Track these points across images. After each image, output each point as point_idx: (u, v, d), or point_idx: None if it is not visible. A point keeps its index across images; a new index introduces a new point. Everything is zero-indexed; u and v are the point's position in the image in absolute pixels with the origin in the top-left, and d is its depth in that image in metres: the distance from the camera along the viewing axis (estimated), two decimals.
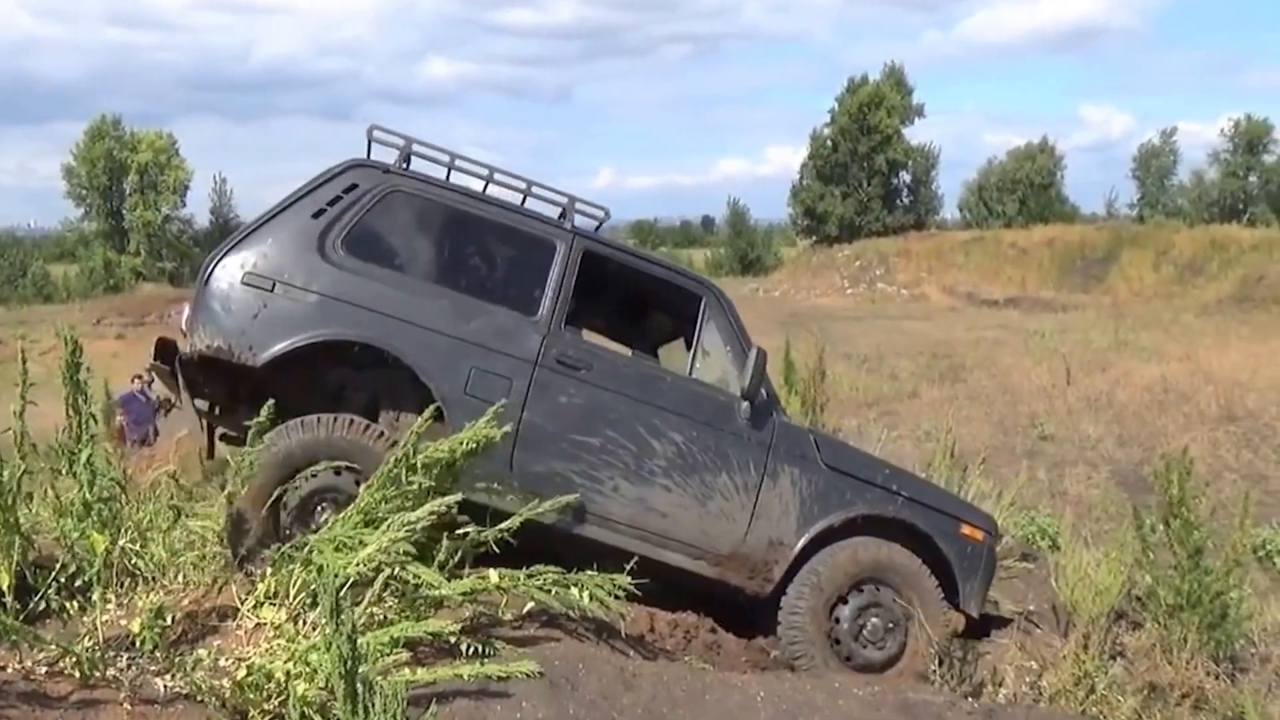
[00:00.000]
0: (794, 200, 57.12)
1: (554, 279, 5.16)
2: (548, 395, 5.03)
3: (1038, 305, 34.55)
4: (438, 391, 4.89)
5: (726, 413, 5.29)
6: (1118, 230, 42.56)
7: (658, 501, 5.14)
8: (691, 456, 5.18)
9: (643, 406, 5.15)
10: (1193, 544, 6.88)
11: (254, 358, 4.79)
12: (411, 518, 3.81)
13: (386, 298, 4.93)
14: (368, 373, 5.09)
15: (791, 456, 5.35)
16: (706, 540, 5.22)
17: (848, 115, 54.61)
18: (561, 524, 4.95)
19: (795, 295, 41.10)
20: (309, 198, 5.02)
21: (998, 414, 17.23)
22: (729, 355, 5.42)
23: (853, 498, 5.41)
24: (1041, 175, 55.81)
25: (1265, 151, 53.89)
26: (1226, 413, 16.44)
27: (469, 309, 5.04)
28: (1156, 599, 7.04)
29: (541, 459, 5.02)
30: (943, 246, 45.22)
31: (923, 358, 22.82)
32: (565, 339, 5.20)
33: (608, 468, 5.08)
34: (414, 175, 5.23)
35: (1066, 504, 12.56)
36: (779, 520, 5.30)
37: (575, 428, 5.06)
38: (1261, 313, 28.56)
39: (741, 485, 5.24)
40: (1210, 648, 6.80)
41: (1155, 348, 22.67)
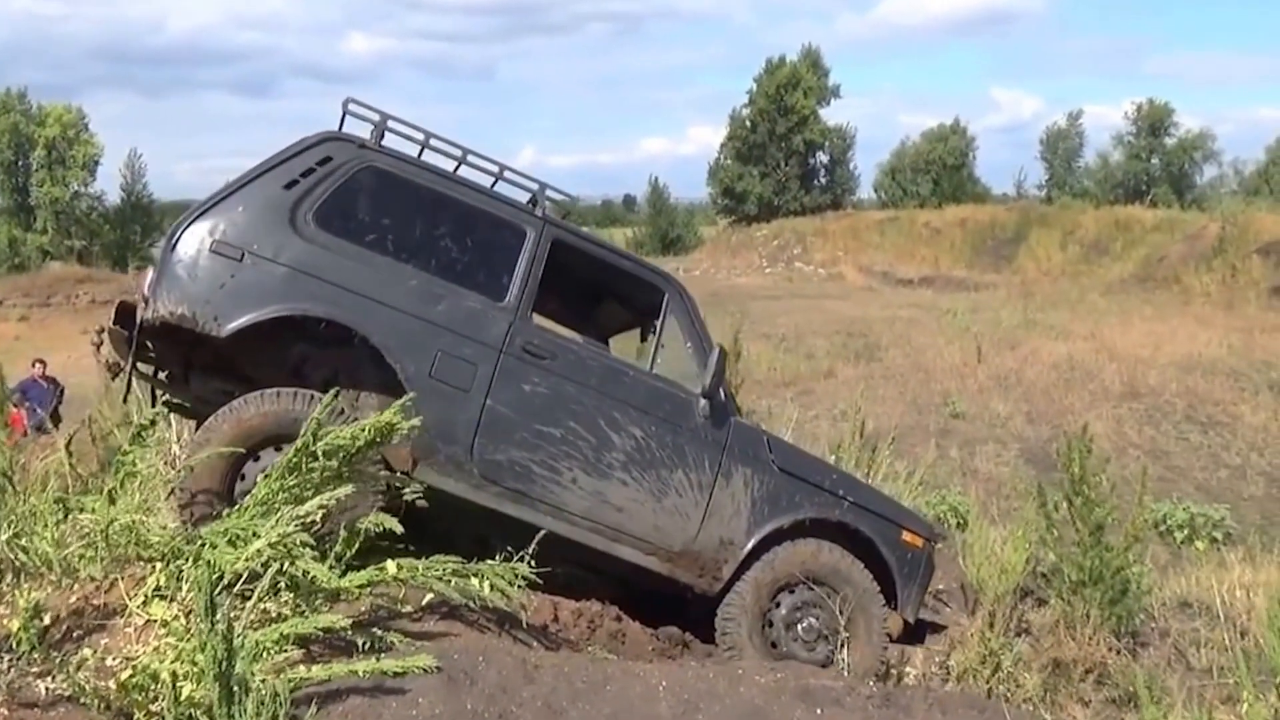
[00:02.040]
0: (713, 180, 57.31)
1: (523, 266, 5.11)
2: (512, 383, 4.98)
3: (951, 284, 35.05)
4: (403, 373, 4.80)
5: (685, 410, 5.28)
6: (1026, 211, 43.35)
7: (614, 495, 5.12)
8: (649, 452, 5.17)
9: (605, 399, 5.12)
10: (1094, 521, 7.00)
11: (219, 328, 4.65)
12: (301, 511, 3.68)
13: (356, 275, 4.83)
14: (330, 349, 4.98)
15: (745, 457, 5.36)
16: (659, 536, 5.20)
17: (765, 96, 54.88)
18: (517, 512, 4.92)
19: (715, 274, 41.15)
20: (282, 167, 4.90)
21: (911, 392, 17.47)
22: (689, 352, 5.42)
23: (801, 500, 5.44)
24: (954, 156, 56.66)
25: (1167, 134, 55.42)
26: (1130, 390, 16.88)
27: (438, 291, 4.95)
28: (1060, 576, 7.15)
29: (502, 447, 4.95)
30: (859, 226, 45.66)
31: (839, 337, 23.02)
32: (532, 327, 5.16)
33: (567, 459, 5.04)
34: (388, 152, 5.12)
35: (977, 482, 12.81)
36: (730, 519, 5.31)
37: (537, 417, 5.01)
38: (1163, 292, 29.32)
39: (696, 483, 5.25)
40: (1112, 623, 6.94)
41: (1062, 326, 23.15)
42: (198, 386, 5.22)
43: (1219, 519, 10.61)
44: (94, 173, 54.23)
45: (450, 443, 4.86)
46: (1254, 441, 14.28)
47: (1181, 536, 10.48)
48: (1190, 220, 35.92)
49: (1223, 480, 12.91)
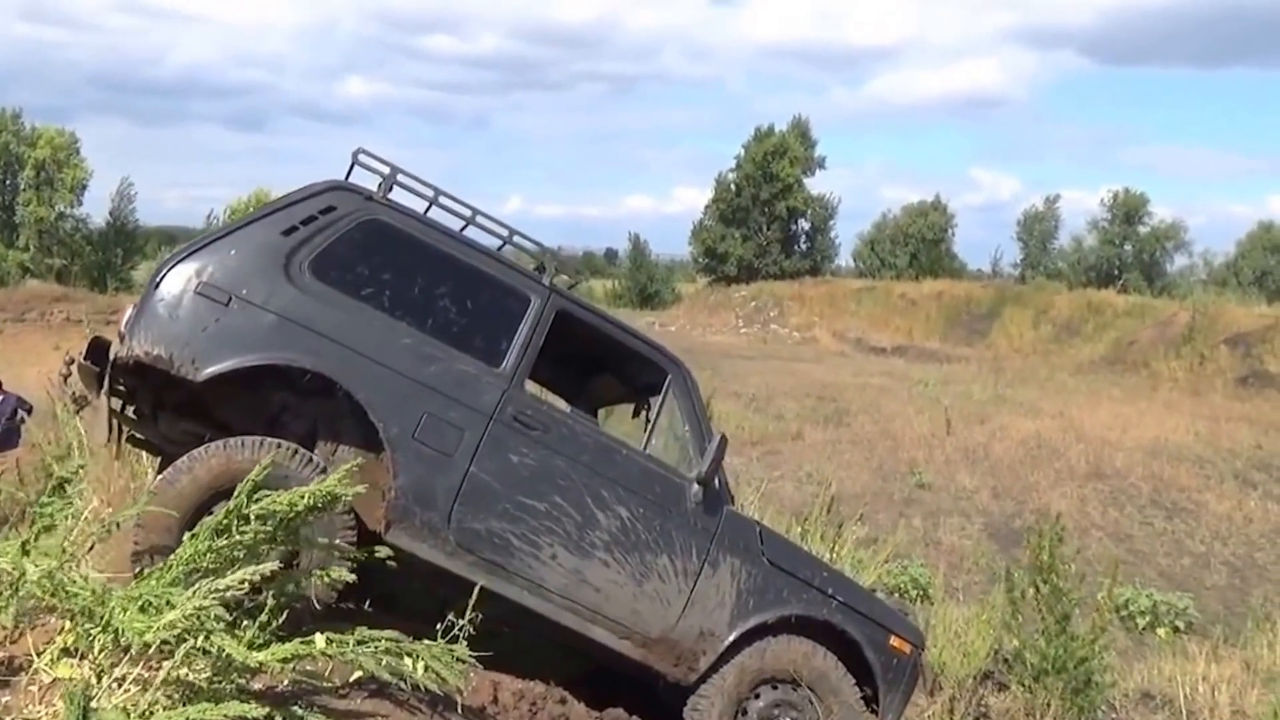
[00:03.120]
0: (695, 239, 57.62)
1: (523, 333, 4.97)
2: (499, 452, 4.81)
3: (923, 355, 35.19)
4: (385, 432, 4.63)
5: (677, 494, 5.11)
6: (1002, 288, 43.78)
7: (594, 575, 4.94)
8: (635, 534, 5.00)
9: (594, 476, 4.96)
10: (1060, 610, 6.93)
11: (195, 371, 4.48)
12: (221, 584, 3.44)
13: (347, 328, 4.67)
14: (311, 401, 4.80)
15: (735, 547, 5.19)
16: (637, 621, 5.02)
17: (753, 162, 55.39)
18: (491, 585, 4.69)
19: (691, 331, 41.18)
20: (282, 213, 4.76)
21: (878, 459, 17.38)
22: (688, 436, 5.27)
23: (789, 596, 5.27)
24: (933, 231, 57.24)
25: (1140, 223, 56.24)
26: (1095, 470, 16.87)
27: (431, 351, 4.79)
28: (1023, 662, 7.06)
29: (482, 517, 4.78)
30: (836, 293, 45.92)
31: (809, 400, 22.96)
32: (525, 396, 5.01)
33: (549, 534, 4.86)
34: (395, 206, 4.98)
35: (940, 554, 12.70)
36: (714, 610, 5.13)
37: (522, 489, 4.84)
38: (1132, 376, 29.53)
39: (681, 570, 5.06)
40: (1073, 714, 6.84)
41: (1031, 403, 23.20)
42: (166, 427, 5.05)
43: (1182, 608, 10.54)
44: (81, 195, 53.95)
45: (428, 508, 4.69)
46: (1218, 530, 14.25)
47: (1144, 623, 10.39)
48: (1161, 307, 36.34)
49: (1186, 568, 12.85)
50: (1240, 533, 14.26)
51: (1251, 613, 10.28)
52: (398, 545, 4.63)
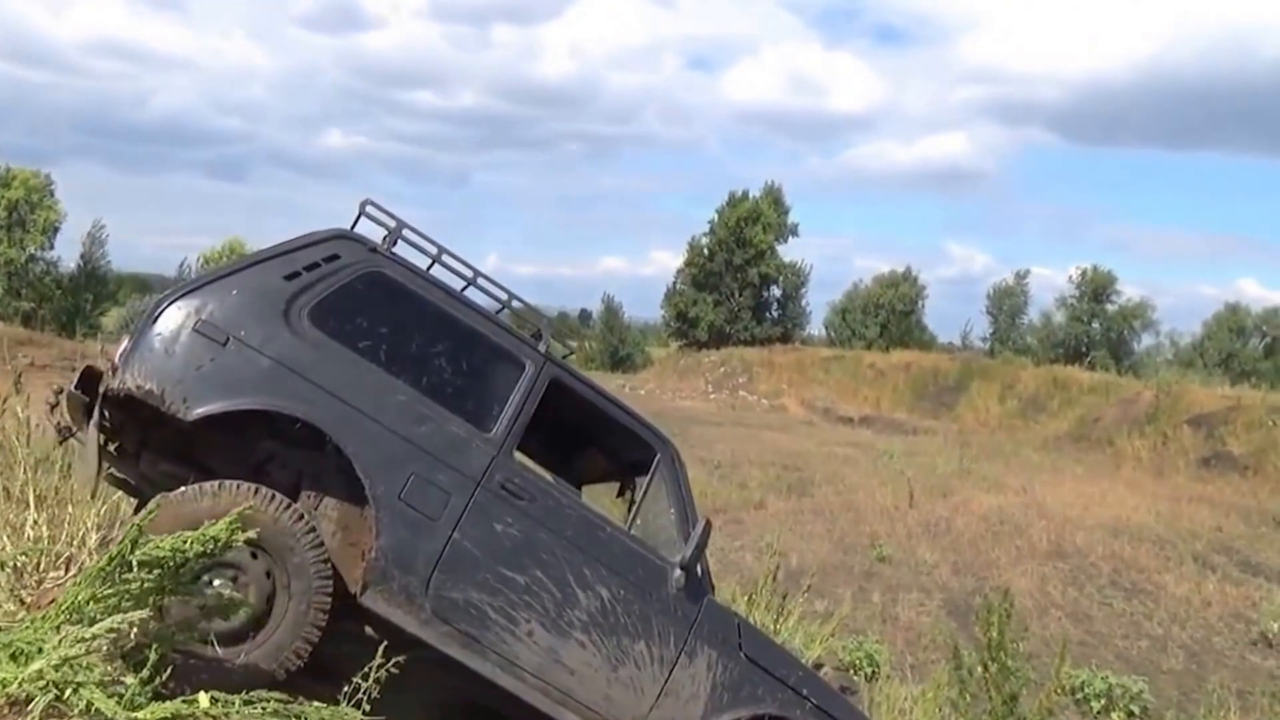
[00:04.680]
0: (667, 303, 57.86)
1: (516, 400, 4.91)
2: (484, 520, 4.71)
3: (890, 426, 35.26)
4: (371, 490, 4.54)
5: (659, 578, 4.99)
6: (969, 361, 44.07)
7: (569, 656, 4.81)
8: (614, 616, 4.88)
9: (577, 553, 4.85)
10: (1008, 691, 6.84)
11: (186, 410, 4.40)
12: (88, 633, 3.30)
13: (342, 380, 4.60)
14: (299, 451, 4.74)
15: (713, 639, 5.07)
16: (608, 707, 4.88)
17: (726, 227, 55.83)
18: (464, 658, 4.63)
19: (661, 395, 41.16)
20: (285, 258, 4.71)
21: (840, 531, 17.32)
22: (672, 518, 5.16)
23: (764, 694, 5.13)
24: (904, 302, 57.71)
25: (1108, 301, 56.88)
26: (1056, 548, 16.84)
27: (424, 411, 4.71)
28: None
29: (460, 586, 4.66)
30: (805, 361, 46.09)
31: (774, 469, 22.91)
32: (514, 464, 4.93)
33: (527, 610, 4.75)
34: (398, 260, 4.93)
35: (897, 630, 12.61)
36: (687, 702, 4.98)
37: (504, 560, 4.73)
38: (1095, 453, 29.66)
39: (657, 657, 4.94)
40: None
41: (995, 478, 23.24)
42: (147, 467, 4.93)
43: (1137, 691, 10.46)
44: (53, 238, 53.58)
45: (406, 572, 4.57)
46: (1176, 613, 14.20)
47: (1098, 706, 10.29)
48: (1126, 385, 36.62)
49: (1143, 650, 12.78)
50: (1198, 616, 14.22)
51: (1205, 699, 10.20)
52: (372, 609, 4.54)
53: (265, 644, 4.31)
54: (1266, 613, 13.93)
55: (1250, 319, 56.79)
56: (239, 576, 4.32)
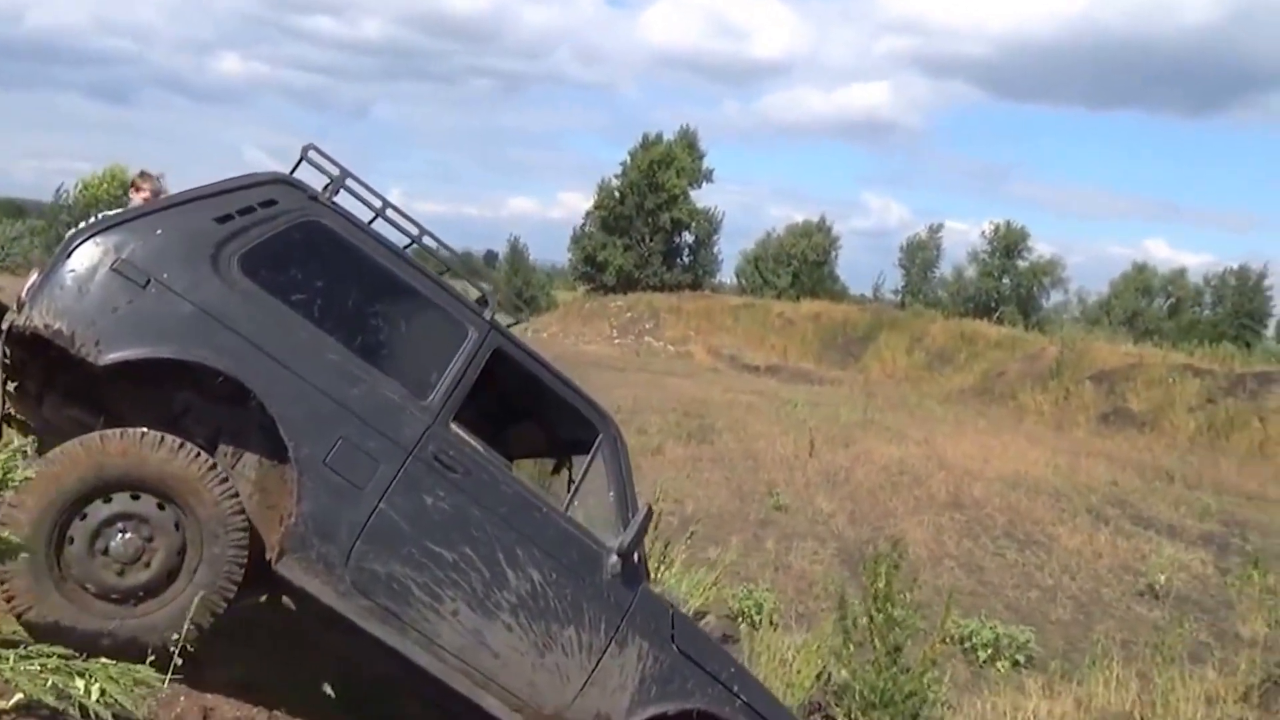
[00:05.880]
0: (575, 246, 57.12)
1: (457, 367, 4.64)
2: (413, 491, 4.46)
3: (796, 375, 35.23)
4: (295, 452, 4.28)
5: (593, 563, 4.75)
6: (879, 313, 44.25)
7: (495, 639, 4.57)
8: (544, 600, 4.65)
9: (510, 532, 4.62)
10: (892, 641, 6.51)
11: (98, 354, 4.11)
12: None
13: (271, 333, 4.32)
14: (219, 406, 4.46)
15: (645, 629, 4.83)
16: (532, 694, 4.64)
17: (638, 170, 55.13)
18: (383, 634, 4.40)
19: (564, 339, 40.62)
20: (217, 199, 4.41)
21: (738, 479, 17.03)
22: (610, 501, 4.93)
23: (694, 689, 4.90)
24: (816, 252, 57.73)
25: (1020, 257, 57.66)
26: (954, 500, 16.77)
27: (357, 372, 4.44)
28: (852, 694, 6.63)
29: (384, 559, 4.40)
30: (714, 308, 45.86)
31: (675, 415, 22.53)
32: (449, 435, 4.65)
33: (453, 588, 4.50)
34: (340, 211, 4.62)
35: (789, 578, 12.33)
36: (613, 693, 4.75)
37: (431, 535, 4.48)
38: (998, 407, 29.93)
39: (586, 645, 4.71)
40: None
41: (898, 429, 23.19)
42: (51, 410, 4.62)
43: (1024, 641, 10.28)
44: None
45: (327, 541, 4.31)
46: (1067, 564, 14.16)
47: (985, 656, 10.09)
48: (1032, 341, 37.08)
49: (1033, 601, 12.67)
50: (1089, 568, 14.20)
51: (1090, 648, 10.07)
52: (288, 578, 4.32)
53: (171, 604, 4.10)
54: (1154, 565, 13.98)
55: (1156, 279, 58.18)
56: (147, 531, 4.12)
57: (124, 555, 4.04)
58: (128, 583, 4.05)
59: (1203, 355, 31.34)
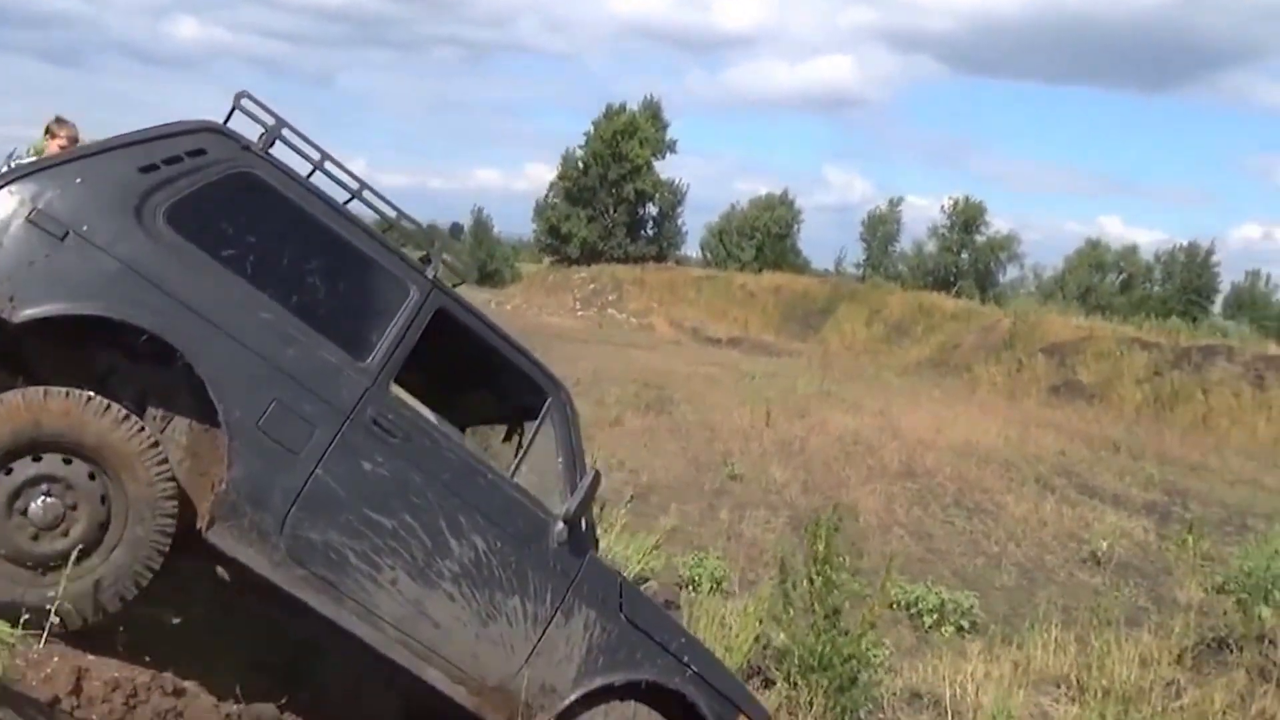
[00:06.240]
0: (539, 218, 56.99)
1: (397, 327, 4.46)
2: (350, 456, 4.30)
3: (757, 347, 35.49)
4: (225, 415, 4.09)
5: (539, 531, 4.65)
6: (839, 285, 44.63)
7: (436, 609, 4.44)
8: (488, 569, 4.51)
9: (452, 499, 4.47)
10: (831, 604, 6.71)
11: (13, 310, 3.89)
12: None
13: (199, 291, 4.11)
14: (146, 366, 4.25)
15: (593, 598, 4.74)
16: (475, 666, 4.53)
17: (601, 140, 55.04)
18: (319, 604, 4.25)
19: (527, 311, 40.66)
20: (142, 147, 4.18)
21: (694, 449, 17.21)
22: (560, 468, 4.80)
23: (642, 659, 4.81)
24: (779, 226, 58.02)
25: (978, 232, 58.21)
26: (906, 469, 17.04)
27: (292, 332, 4.25)
28: (790, 657, 6.83)
29: (320, 526, 4.25)
30: (677, 280, 46.06)
31: (635, 386, 22.69)
32: (389, 398, 4.48)
33: (393, 556, 4.35)
34: (275, 163, 4.41)
35: (741, 546, 12.52)
36: (560, 664, 4.66)
37: (370, 502, 4.33)
38: (953, 379, 30.34)
39: (532, 615, 4.60)
40: (835, 713, 6.63)
41: (854, 400, 23.48)
42: None
43: (967, 606, 10.55)
44: None
45: (260, 508, 4.15)
46: (1013, 532, 14.48)
47: (930, 621, 10.36)
48: (987, 313, 37.51)
49: (979, 567, 12.97)
50: (1034, 535, 14.53)
51: (1032, 613, 10.36)
52: (219, 546, 4.13)
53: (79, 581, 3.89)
54: (1097, 533, 14.32)
55: (1109, 256, 58.96)
56: (72, 499, 3.93)
57: (42, 520, 3.87)
58: (41, 549, 3.87)
59: (1151, 329, 31.87)
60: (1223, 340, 30.34)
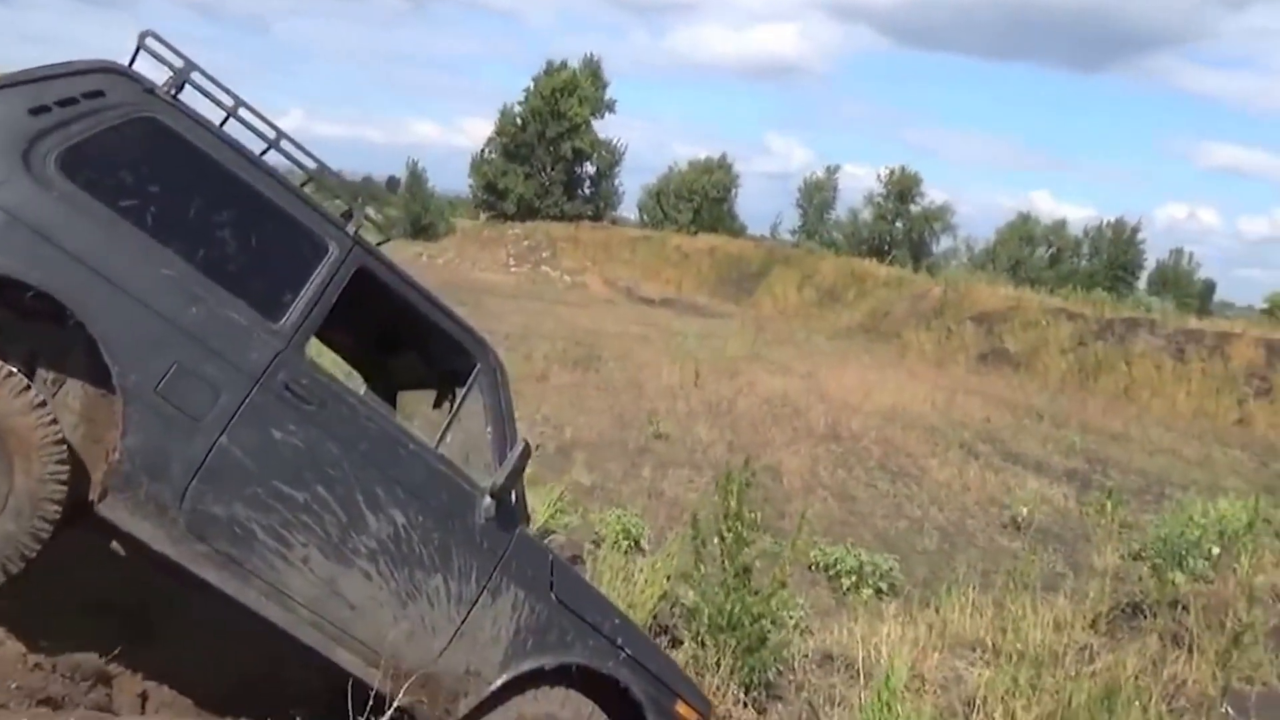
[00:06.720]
0: (475, 173, 56.20)
1: (314, 287, 4.15)
2: (259, 424, 3.98)
3: (689, 308, 35.35)
4: (120, 378, 3.76)
5: (465, 505, 4.33)
6: (773, 249, 44.63)
7: (351, 588, 4.13)
8: (409, 545, 4.21)
9: (370, 470, 4.17)
10: (741, 562, 6.48)
11: None
12: None
13: (94, 244, 3.78)
14: (35, 324, 3.91)
15: (521, 577, 4.44)
16: (393, 649, 4.21)
17: (540, 97, 54.36)
18: (221, 582, 3.96)
19: (460, 266, 40.09)
20: (32, 87, 3.83)
21: (620, 407, 17.00)
22: (488, 438, 4.49)
23: (574, 641, 4.54)
24: (717, 190, 57.84)
25: (913, 202, 58.52)
26: (832, 432, 16.99)
27: (197, 290, 3.92)
28: (699, 616, 6.61)
29: (224, 499, 3.94)
30: (612, 240, 45.76)
31: (564, 343, 22.43)
32: (303, 362, 4.14)
33: (305, 531, 4.04)
34: (182, 108, 4.07)
35: (662, 505, 12.33)
36: (485, 647, 4.36)
37: (280, 473, 4.01)
38: (883, 345, 30.46)
39: (455, 595, 4.30)
40: (743, 674, 6.43)
41: (784, 363, 23.43)
42: None
43: (887, 569, 10.44)
44: None
45: (157, 479, 3.83)
46: (936, 496, 14.47)
47: (848, 583, 10.23)
48: (918, 281, 37.71)
49: (900, 530, 12.91)
50: (957, 500, 14.52)
51: (951, 576, 10.27)
52: (112, 520, 3.83)
53: None
54: (1019, 498, 14.35)
55: (1039, 229, 59.58)
56: None
57: None
58: None
59: (1076, 300, 32.24)
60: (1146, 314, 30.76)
